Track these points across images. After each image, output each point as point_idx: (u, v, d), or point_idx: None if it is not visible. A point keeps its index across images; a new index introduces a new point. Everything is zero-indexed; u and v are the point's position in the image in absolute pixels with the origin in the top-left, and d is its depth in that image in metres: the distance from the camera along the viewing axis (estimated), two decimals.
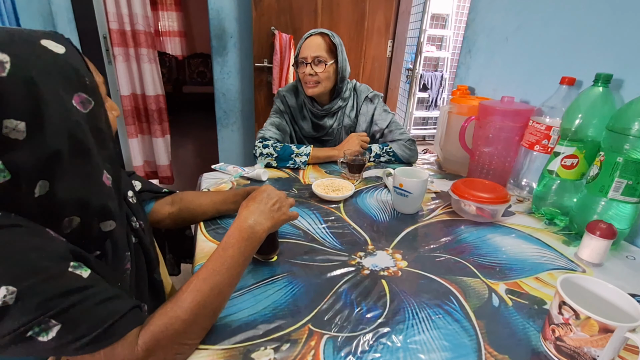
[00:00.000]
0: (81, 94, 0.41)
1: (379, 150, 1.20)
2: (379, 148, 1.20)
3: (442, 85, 3.85)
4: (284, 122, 1.24)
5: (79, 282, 0.38)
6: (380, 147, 1.20)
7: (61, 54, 0.41)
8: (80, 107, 0.41)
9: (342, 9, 2.08)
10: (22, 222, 0.38)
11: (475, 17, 1.35)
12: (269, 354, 0.47)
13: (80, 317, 0.37)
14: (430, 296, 0.59)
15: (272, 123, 1.21)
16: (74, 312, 0.37)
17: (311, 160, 1.14)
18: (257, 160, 1.13)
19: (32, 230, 0.38)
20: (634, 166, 0.68)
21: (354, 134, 1.21)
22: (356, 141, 1.19)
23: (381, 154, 1.20)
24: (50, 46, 0.40)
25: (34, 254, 0.37)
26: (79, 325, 0.37)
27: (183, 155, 3.47)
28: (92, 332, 0.37)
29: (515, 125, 0.98)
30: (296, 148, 1.13)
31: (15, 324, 0.34)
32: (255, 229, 0.54)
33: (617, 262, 0.72)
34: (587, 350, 0.44)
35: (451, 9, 3.62)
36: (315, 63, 1.11)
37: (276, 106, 1.26)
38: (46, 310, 0.35)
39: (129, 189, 0.63)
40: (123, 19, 2.01)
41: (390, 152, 1.20)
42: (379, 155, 1.20)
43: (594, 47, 0.91)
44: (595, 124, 0.77)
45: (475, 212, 0.84)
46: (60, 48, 0.41)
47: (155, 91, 2.23)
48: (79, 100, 0.41)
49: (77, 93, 0.41)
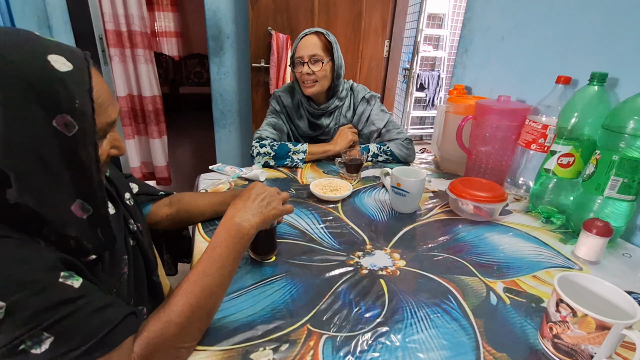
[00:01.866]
0: (66, 116, 0.39)
1: (376, 150, 1.20)
2: (377, 147, 1.20)
3: (439, 85, 3.86)
4: (281, 122, 1.24)
5: (70, 292, 0.38)
6: (378, 146, 1.21)
7: (60, 72, 0.39)
8: (62, 128, 0.39)
9: (339, 9, 2.08)
10: (10, 233, 0.38)
11: (471, 16, 1.35)
12: (267, 355, 0.47)
13: (73, 328, 0.37)
14: (429, 295, 0.59)
15: (269, 123, 1.22)
16: (66, 323, 0.36)
17: (308, 156, 1.14)
18: (255, 160, 1.13)
19: (21, 242, 0.38)
20: (629, 164, 0.69)
21: (343, 127, 1.23)
22: (348, 133, 1.20)
23: (379, 153, 1.20)
24: (56, 62, 0.39)
25: (23, 267, 0.36)
26: (72, 336, 0.37)
27: (180, 156, 3.46)
28: (86, 343, 0.37)
29: (512, 124, 0.98)
30: (293, 146, 1.13)
31: (7, 338, 0.34)
32: (242, 226, 0.53)
33: (613, 260, 0.72)
34: (585, 347, 0.45)
35: (447, 8, 3.63)
36: (312, 62, 1.11)
37: (272, 107, 1.26)
38: (38, 323, 0.35)
39: (126, 191, 0.63)
40: (119, 19, 2.00)
41: (388, 152, 1.20)
42: (377, 155, 1.20)
43: (589, 46, 0.91)
44: (591, 122, 0.78)
45: (472, 211, 0.84)
46: (65, 66, 0.40)
47: (151, 92, 2.22)
48: (62, 121, 0.39)
49: (62, 114, 0.39)
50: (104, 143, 0.47)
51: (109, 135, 0.48)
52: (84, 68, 0.42)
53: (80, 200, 0.43)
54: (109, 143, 0.48)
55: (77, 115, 0.40)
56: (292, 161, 1.12)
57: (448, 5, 3.62)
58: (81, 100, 0.41)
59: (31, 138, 0.38)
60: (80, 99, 0.40)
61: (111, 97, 0.47)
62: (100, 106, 0.44)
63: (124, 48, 2.07)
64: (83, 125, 0.41)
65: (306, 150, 1.13)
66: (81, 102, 0.40)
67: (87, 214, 0.43)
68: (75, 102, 0.40)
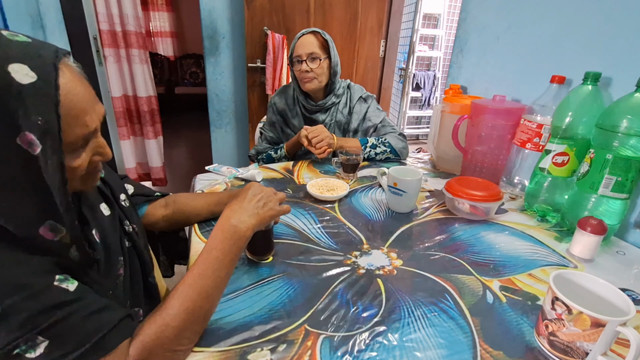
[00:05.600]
0: (27, 134, 0.35)
1: (375, 141, 1.22)
2: (375, 139, 1.23)
3: (434, 85, 3.87)
4: (277, 133, 1.33)
5: (65, 296, 0.37)
6: (376, 138, 1.23)
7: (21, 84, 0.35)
8: (27, 147, 0.36)
9: (335, 9, 2.09)
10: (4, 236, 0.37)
11: (466, 16, 1.36)
12: (265, 355, 0.46)
13: (68, 332, 0.37)
14: (426, 294, 0.59)
15: (265, 138, 1.35)
16: (61, 327, 0.36)
17: (287, 148, 1.24)
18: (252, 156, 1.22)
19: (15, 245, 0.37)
20: (623, 163, 0.69)
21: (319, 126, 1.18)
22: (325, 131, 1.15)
23: (377, 144, 1.22)
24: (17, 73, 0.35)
25: (17, 270, 0.36)
26: (67, 340, 0.36)
27: (176, 157, 3.45)
28: (81, 347, 0.37)
29: (507, 124, 0.99)
30: (273, 152, 1.27)
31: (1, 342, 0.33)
32: (238, 228, 0.53)
33: (607, 258, 0.73)
34: (580, 344, 0.45)
35: (443, 8, 3.65)
36: (310, 60, 1.15)
37: (268, 117, 1.34)
38: (32, 327, 0.34)
39: (121, 192, 0.63)
40: (113, 19, 1.99)
41: (386, 143, 1.22)
42: (375, 146, 1.22)
43: (583, 46, 0.92)
44: (585, 121, 0.79)
45: (468, 210, 0.84)
46: (28, 78, 0.35)
47: (147, 92, 2.21)
48: (26, 140, 0.35)
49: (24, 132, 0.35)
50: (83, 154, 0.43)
51: (91, 142, 0.44)
52: (50, 79, 0.37)
53: (51, 221, 0.39)
54: (90, 151, 0.44)
55: (40, 133, 0.36)
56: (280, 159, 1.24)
57: (443, 5, 3.64)
58: (44, 116, 0.36)
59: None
60: (43, 115, 0.36)
61: (91, 102, 0.42)
62: (74, 118, 0.40)
63: (119, 48, 2.06)
64: (45, 144, 0.37)
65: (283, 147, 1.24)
66: (45, 118, 0.36)
67: (60, 235, 0.40)
68: (37, 120, 0.36)
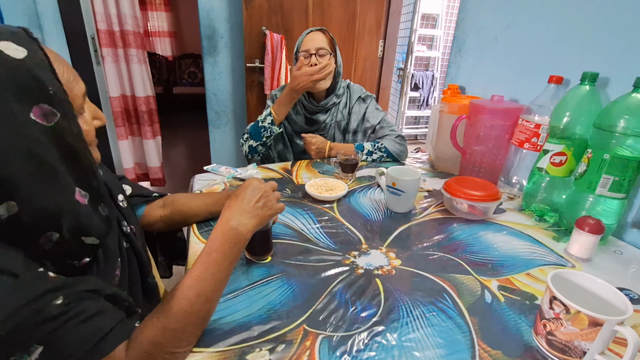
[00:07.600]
0: (43, 106, 0.36)
1: (371, 147, 1.21)
2: (371, 145, 1.21)
3: (433, 85, 3.88)
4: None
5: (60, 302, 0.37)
6: (372, 144, 1.22)
7: (19, 59, 0.35)
8: (41, 120, 0.36)
9: (333, 9, 2.09)
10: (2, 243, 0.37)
11: (464, 16, 1.36)
12: (264, 355, 0.46)
13: (63, 338, 0.36)
14: (424, 294, 0.59)
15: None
16: (56, 333, 0.36)
17: (276, 116, 1.15)
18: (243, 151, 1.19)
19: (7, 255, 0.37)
20: (620, 163, 0.70)
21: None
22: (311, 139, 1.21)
23: (373, 150, 1.21)
24: (8, 50, 0.35)
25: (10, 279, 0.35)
26: (62, 346, 0.36)
27: (175, 157, 3.44)
28: (76, 353, 0.36)
29: (505, 124, 0.99)
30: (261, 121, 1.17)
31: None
32: (239, 230, 0.52)
33: (605, 257, 0.73)
34: (578, 343, 0.45)
35: (441, 8, 3.65)
36: (319, 55, 1.15)
37: (268, 104, 1.29)
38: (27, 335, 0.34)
39: (119, 193, 0.62)
40: (111, 19, 1.98)
41: (382, 148, 1.21)
42: (371, 152, 1.21)
43: (580, 46, 0.92)
44: (582, 121, 0.79)
45: (467, 209, 0.84)
46: (20, 52, 0.35)
47: (145, 92, 2.21)
48: (39, 112, 0.36)
49: (38, 105, 0.35)
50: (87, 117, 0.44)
51: (85, 107, 0.45)
52: (36, 48, 0.37)
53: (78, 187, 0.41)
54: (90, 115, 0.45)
55: (55, 102, 0.37)
56: (265, 129, 1.16)
57: (441, 6, 3.64)
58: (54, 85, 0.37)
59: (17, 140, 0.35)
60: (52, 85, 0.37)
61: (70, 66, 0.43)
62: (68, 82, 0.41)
63: (117, 48, 2.05)
64: (64, 110, 0.38)
65: (270, 111, 1.16)
66: (54, 87, 0.37)
67: (87, 198, 0.42)
68: (48, 89, 0.36)
